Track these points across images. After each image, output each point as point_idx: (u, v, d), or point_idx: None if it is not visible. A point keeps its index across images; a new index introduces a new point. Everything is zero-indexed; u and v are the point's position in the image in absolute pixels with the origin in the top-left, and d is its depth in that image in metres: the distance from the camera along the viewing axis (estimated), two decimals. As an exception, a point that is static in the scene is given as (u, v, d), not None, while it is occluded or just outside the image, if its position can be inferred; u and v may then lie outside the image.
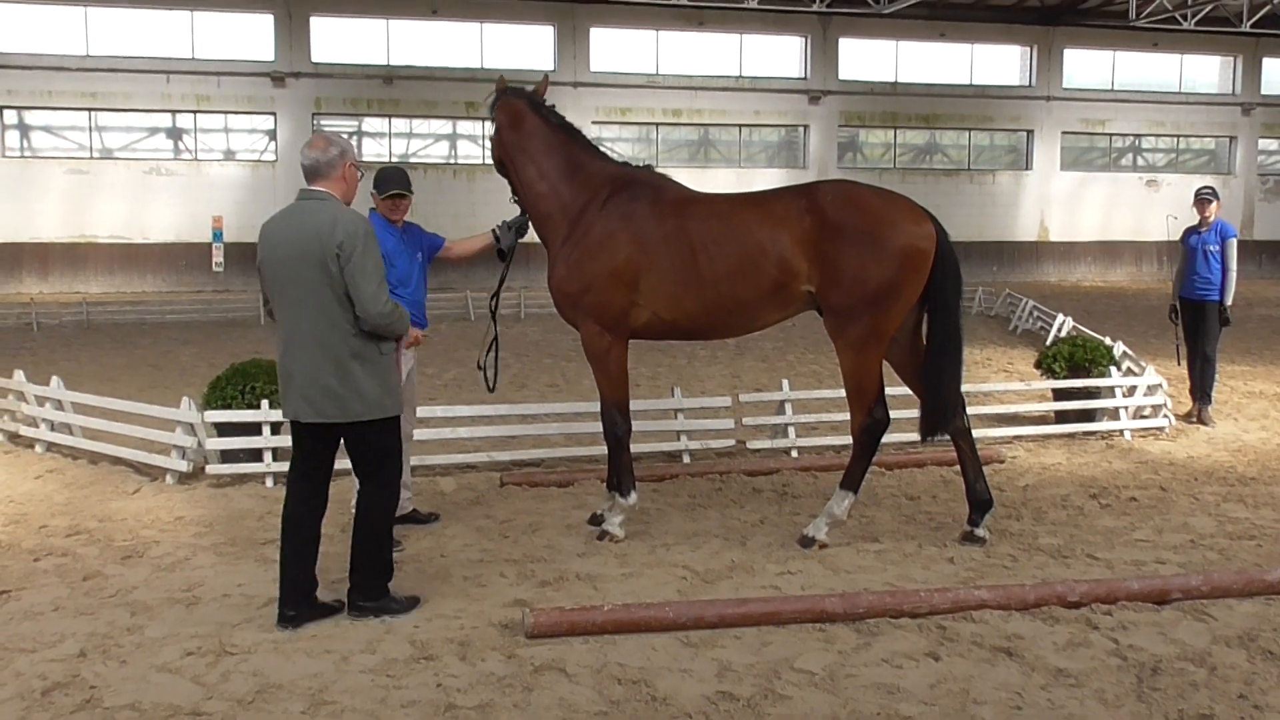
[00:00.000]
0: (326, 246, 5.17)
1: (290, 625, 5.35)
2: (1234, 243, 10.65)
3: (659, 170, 7.22)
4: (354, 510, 5.72)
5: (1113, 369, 10.39)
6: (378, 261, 5.29)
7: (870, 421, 6.66)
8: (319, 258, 5.19)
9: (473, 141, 30.87)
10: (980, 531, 6.82)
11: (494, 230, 7.20)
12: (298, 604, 5.41)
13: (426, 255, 7.07)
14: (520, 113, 7.03)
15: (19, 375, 9.76)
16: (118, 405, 9.06)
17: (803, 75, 33.25)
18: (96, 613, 5.55)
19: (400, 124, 31.01)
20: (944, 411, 6.70)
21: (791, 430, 9.38)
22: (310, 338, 5.27)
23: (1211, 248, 10.63)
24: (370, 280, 5.20)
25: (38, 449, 9.21)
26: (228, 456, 8.32)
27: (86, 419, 9.10)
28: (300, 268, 5.24)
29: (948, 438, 6.85)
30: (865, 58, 33.65)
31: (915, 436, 9.25)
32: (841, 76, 33.35)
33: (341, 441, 5.56)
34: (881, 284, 6.39)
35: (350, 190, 5.48)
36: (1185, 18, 30.19)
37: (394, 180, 6.88)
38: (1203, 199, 10.83)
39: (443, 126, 31.10)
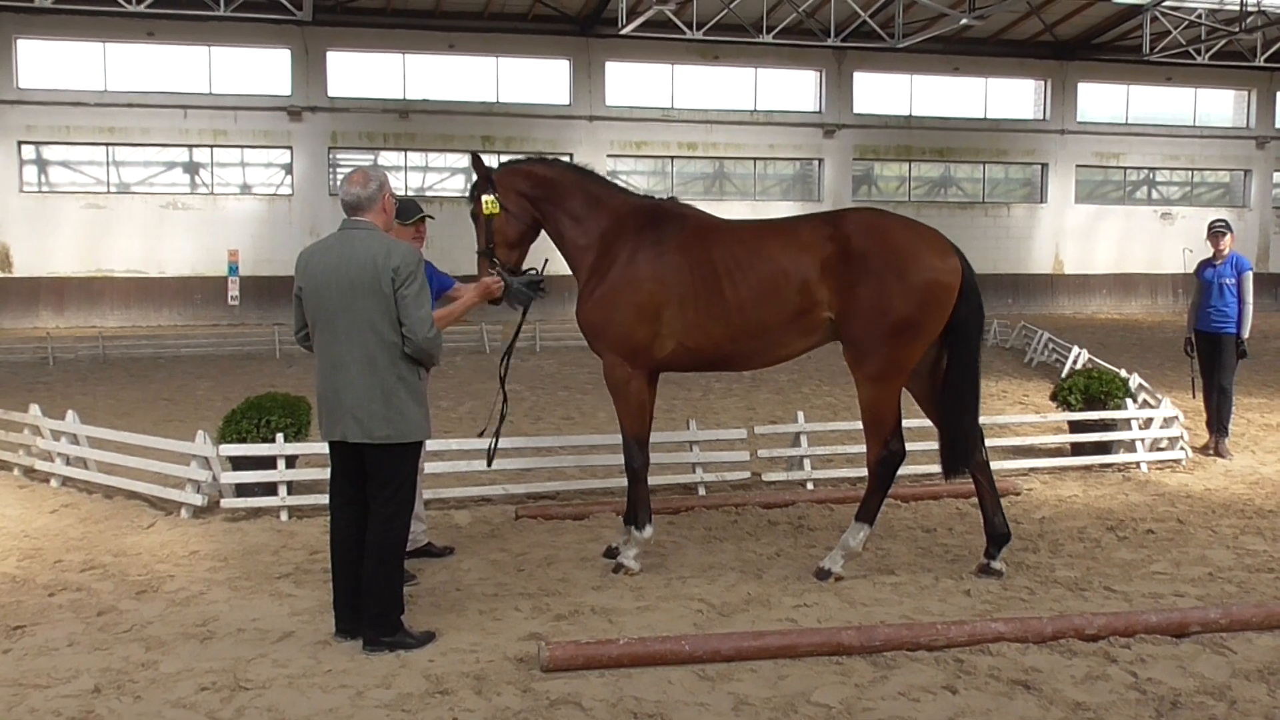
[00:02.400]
0: (381, 272, 5.40)
1: (348, 637, 5.63)
2: (1249, 276, 10.64)
3: (685, 202, 7.27)
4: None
5: (1129, 401, 10.35)
6: (426, 289, 5.57)
7: (886, 454, 6.63)
8: (371, 284, 5.40)
9: (488, 175, 31.02)
10: (997, 564, 6.79)
11: (503, 278, 6.93)
12: (354, 624, 5.63)
13: (435, 292, 7.09)
14: (534, 173, 7.04)
15: (35, 409, 9.80)
16: (133, 439, 9.09)
17: (817, 109, 33.41)
18: (111, 648, 5.54)
19: (416, 158, 31.25)
20: (965, 447, 6.69)
21: (807, 462, 9.35)
22: (359, 361, 5.46)
23: (1227, 281, 10.61)
24: (421, 306, 5.48)
25: (53, 483, 9.24)
26: (243, 490, 8.33)
27: (102, 453, 9.13)
28: (351, 293, 5.44)
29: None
30: (879, 92, 33.80)
31: (931, 469, 9.26)
32: (856, 110, 33.50)
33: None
34: (902, 318, 6.38)
35: (389, 220, 5.78)
36: (1199, 52, 30.26)
37: (416, 207, 7.06)
38: (1216, 232, 10.83)
39: (459, 160, 31.33)
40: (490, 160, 7.15)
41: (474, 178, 7.05)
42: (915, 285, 6.38)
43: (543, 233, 7.17)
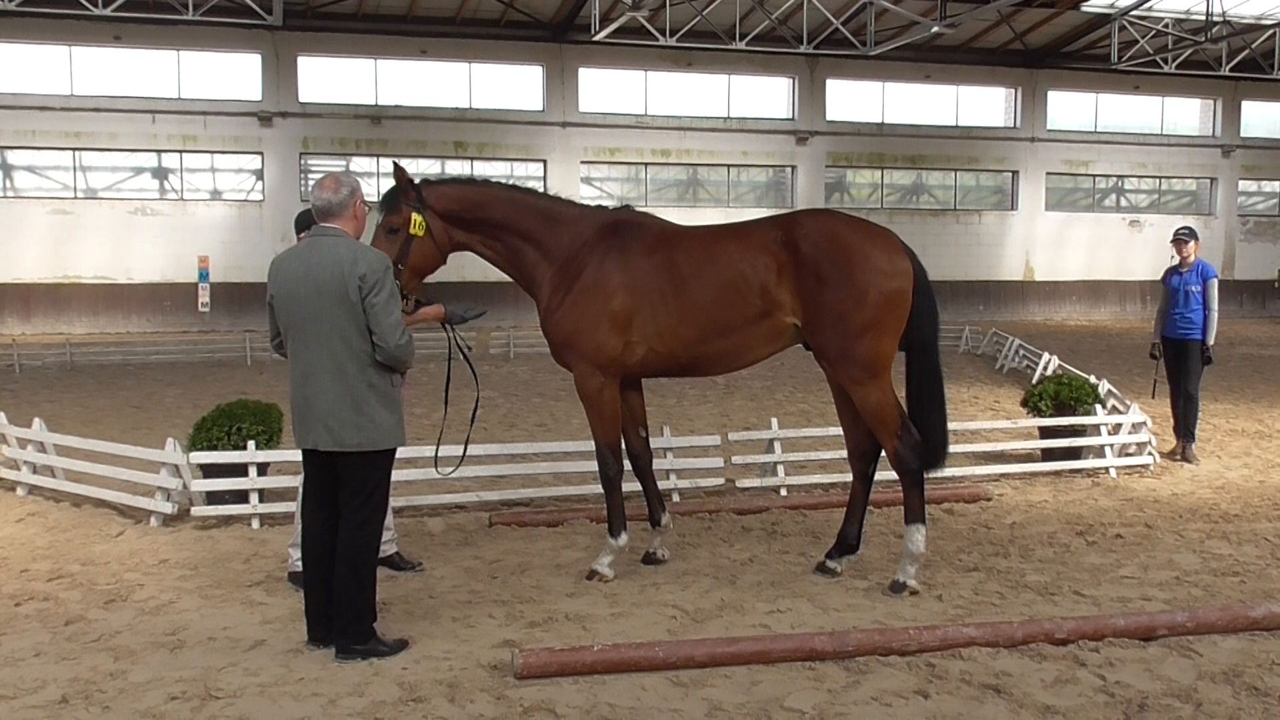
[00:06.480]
0: (348, 279, 5.37)
1: (320, 645, 5.61)
2: (1215, 283, 10.77)
3: (641, 209, 7.28)
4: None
5: (1098, 407, 10.44)
6: (396, 295, 5.54)
7: (903, 448, 6.56)
8: (339, 291, 5.38)
9: (460, 182, 30.95)
10: (833, 564, 6.94)
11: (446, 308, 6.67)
12: (326, 632, 5.59)
13: None
14: (469, 197, 6.82)
15: (0, 417, 9.70)
16: (101, 447, 9.01)
17: (790, 116, 33.54)
18: (79, 658, 5.49)
19: (388, 164, 31.05)
20: (935, 449, 6.71)
21: (780, 469, 9.38)
22: (329, 369, 5.44)
23: (1193, 288, 10.73)
24: (391, 313, 5.45)
25: (19, 492, 9.14)
26: (213, 498, 8.29)
27: (69, 461, 9.05)
28: (320, 300, 5.41)
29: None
30: (852, 99, 33.97)
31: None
32: (829, 117, 33.65)
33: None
34: (861, 321, 6.41)
35: (360, 227, 5.73)
36: (1166, 61, 30.58)
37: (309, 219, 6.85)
38: (1180, 239, 10.96)
39: (431, 166, 31.21)
40: (464, 167, 7.04)
41: (393, 187, 6.67)
42: (865, 288, 6.41)
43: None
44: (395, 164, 6.93)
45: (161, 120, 29.02)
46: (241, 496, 8.27)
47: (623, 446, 6.99)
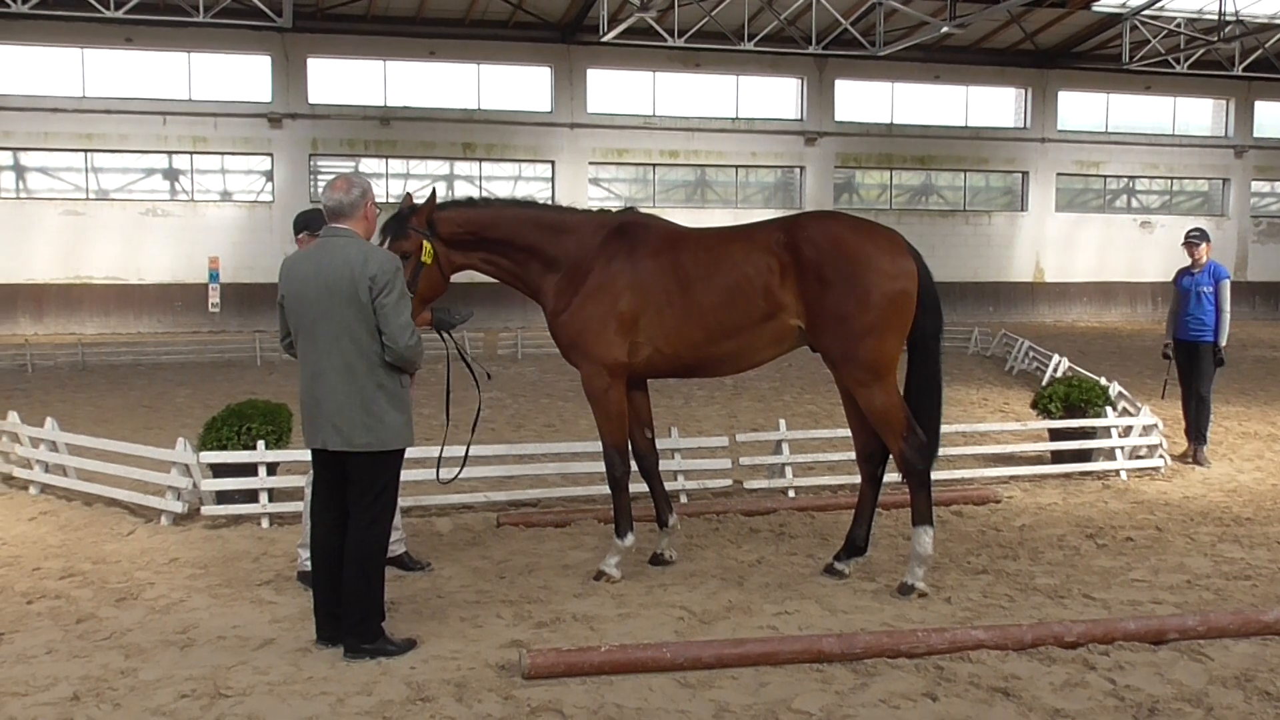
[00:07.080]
0: (359, 279, 5.39)
1: (329, 645, 5.62)
2: (1227, 284, 10.73)
3: (647, 211, 7.28)
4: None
5: (1108, 409, 10.41)
6: (406, 296, 5.54)
7: (909, 450, 6.55)
8: (349, 291, 5.40)
9: (470, 182, 31.04)
10: (840, 566, 6.94)
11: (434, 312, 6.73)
12: (335, 631, 5.60)
13: None
14: (470, 217, 6.80)
15: (13, 417, 9.74)
16: (112, 446, 9.04)
17: (799, 117, 33.51)
18: (90, 655, 5.52)
19: (397, 165, 31.17)
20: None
21: (788, 470, 9.37)
22: (338, 369, 5.46)
23: (1205, 289, 10.69)
24: (401, 314, 5.46)
25: (32, 491, 9.18)
26: (223, 498, 8.31)
27: (81, 460, 9.09)
28: (330, 301, 5.43)
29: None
30: (861, 100, 33.93)
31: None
32: (837, 118, 33.61)
33: None
34: (865, 324, 6.42)
35: (371, 228, 5.75)
36: (1178, 61, 30.46)
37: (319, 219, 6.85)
38: (1190, 241, 10.93)
39: (440, 167, 31.28)
40: (473, 168, 7.04)
41: (403, 216, 6.59)
42: (868, 290, 6.41)
43: None
44: (407, 195, 6.89)
45: (172, 122, 29.11)
46: (251, 496, 8.29)
47: (629, 447, 7.00)
